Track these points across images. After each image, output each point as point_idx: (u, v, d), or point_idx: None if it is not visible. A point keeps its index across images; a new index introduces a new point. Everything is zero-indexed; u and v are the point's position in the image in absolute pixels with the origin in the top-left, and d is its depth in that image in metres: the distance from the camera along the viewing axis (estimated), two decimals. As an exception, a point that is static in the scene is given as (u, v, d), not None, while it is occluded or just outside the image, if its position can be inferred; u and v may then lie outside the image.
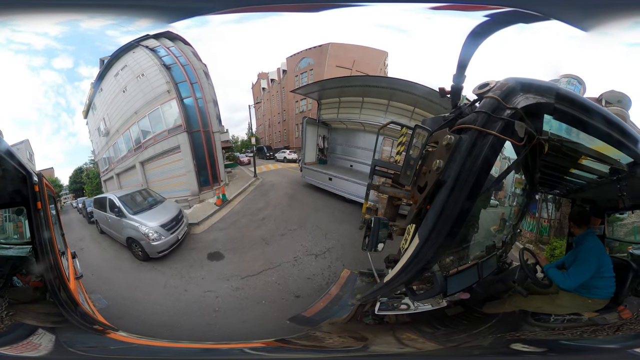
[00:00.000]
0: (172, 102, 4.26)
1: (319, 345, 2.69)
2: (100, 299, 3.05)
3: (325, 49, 3.97)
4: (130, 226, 3.98)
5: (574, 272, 2.55)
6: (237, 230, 3.15)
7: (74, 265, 3.13)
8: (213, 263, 2.91)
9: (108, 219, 4.17)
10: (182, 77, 4.25)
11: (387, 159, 3.14)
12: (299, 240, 2.57)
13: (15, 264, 2.72)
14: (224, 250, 2.96)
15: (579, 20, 2.74)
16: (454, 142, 1.88)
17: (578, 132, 2.12)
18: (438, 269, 2.44)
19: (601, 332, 2.41)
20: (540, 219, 3.12)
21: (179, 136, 4.32)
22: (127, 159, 4.52)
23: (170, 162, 4.42)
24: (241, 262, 2.69)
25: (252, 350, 2.56)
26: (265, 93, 4.83)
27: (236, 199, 4.04)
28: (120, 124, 4.46)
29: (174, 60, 4.21)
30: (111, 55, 3.97)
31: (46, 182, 2.66)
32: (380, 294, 2.70)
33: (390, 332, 2.64)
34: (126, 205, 4.18)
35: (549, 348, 2.43)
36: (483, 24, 2.53)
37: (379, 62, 3.73)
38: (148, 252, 3.86)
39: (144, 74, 4.23)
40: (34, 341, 2.28)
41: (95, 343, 2.47)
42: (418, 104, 3.09)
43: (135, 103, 4.34)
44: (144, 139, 4.42)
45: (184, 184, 4.41)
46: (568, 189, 3.15)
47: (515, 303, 2.68)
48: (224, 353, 2.61)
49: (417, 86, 2.91)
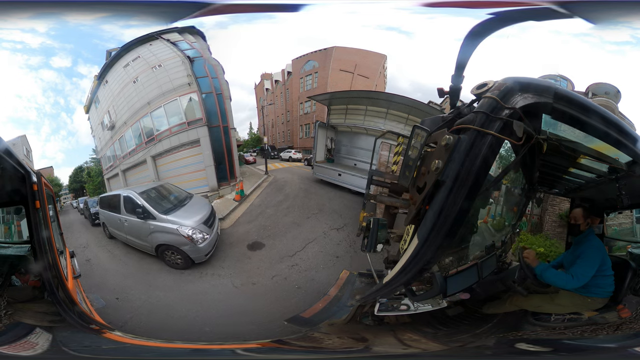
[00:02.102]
0: (193, 95, 4.07)
1: (316, 346, 2.67)
2: (98, 298, 3.03)
3: (330, 52, 4.12)
4: (163, 229, 3.23)
5: (579, 271, 2.49)
6: (267, 220, 3.38)
7: (72, 264, 3.12)
8: (257, 252, 3.08)
9: (124, 223, 3.43)
10: (203, 72, 4.09)
11: (385, 164, 3.34)
12: (322, 220, 3.13)
13: (13, 263, 2.71)
14: (261, 239, 3.19)
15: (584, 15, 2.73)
16: (453, 142, 1.88)
17: (576, 131, 2.13)
18: (437, 269, 2.43)
19: (601, 331, 2.40)
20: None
21: (199, 129, 4.10)
22: (136, 154, 4.20)
23: (187, 157, 4.15)
24: (283, 244, 3.01)
25: (244, 351, 2.56)
26: (269, 94, 4.87)
27: (253, 194, 4.12)
28: (129, 115, 4.17)
29: (198, 54, 4.04)
30: (121, 47, 3.78)
31: (45, 181, 2.66)
32: (380, 295, 2.68)
33: (390, 332, 2.64)
34: (153, 204, 3.43)
35: (555, 347, 2.41)
36: (481, 23, 2.54)
37: (379, 65, 3.94)
38: (194, 257, 3.23)
39: (161, 65, 4.03)
40: (31, 340, 2.27)
41: (91, 342, 2.46)
42: (411, 112, 3.58)
43: (148, 94, 4.07)
44: (157, 131, 4.12)
45: (202, 180, 4.15)
46: (567, 188, 3.15)
47: (515, 303, 2.67)
48: (214, 353, 2.60)
49: (407, 98, 3.45)
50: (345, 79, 4.21)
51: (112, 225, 3.60)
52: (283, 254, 2.94)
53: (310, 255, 2.82)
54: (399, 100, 3.57)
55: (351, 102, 3.91)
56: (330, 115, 4.00)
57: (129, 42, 3.77)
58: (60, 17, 3.14)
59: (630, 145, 2.12)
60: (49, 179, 3.36)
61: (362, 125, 3.83)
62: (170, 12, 3.06)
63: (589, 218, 2.61)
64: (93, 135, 4.14)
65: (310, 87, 4.52)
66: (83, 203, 4.14)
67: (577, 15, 2.76)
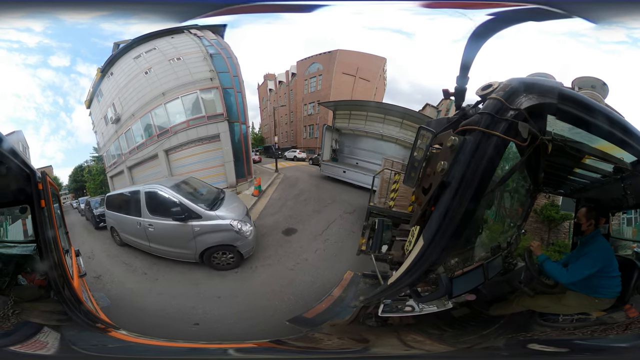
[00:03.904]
0: (214, 90, 3.96)
1: (315, 346, 2.67)
2: (103, 297, 3.00)
3: (334, 56, 4.25)
4: (213, 229, 2.78)
5: (575, 268, 2.52)
6: (290, 210, 3.74)
7: (78, 263, 3.12)
8: (293, 236, 3.41)
9: (148, 228, 2.76)
10: (225, 68, 3.99)
11: (383, 195, 3.71)
12: (337, 207, 3.69)
13: (19, 262, 2.72)
14: (291, 225, 3.52)
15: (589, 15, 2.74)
16: (458, 143, 1.89)
17: (581, 132, 2.13)
18: (443, 270, 2.43)
19: (611, 331, 2.39)
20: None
21: (220, 124, 3.94)
22: (145, 148, 3.81)
23: (204, 152, 3.94)
24: (311, 226, 3.50)
25: (238, 352, 2.57)
26: (272, 94, 4.88)
27: (269, 190, 4.26)
28: (138, 107, 3.89)
29: (220, 50, 3.95)
30: (133, 39, 3.61)
31: (50, 180, 2.66)
32: (384, 296, 2.68)
33: (393, 334, 2.63)
34: (193, 200, 2.94)
35: (571, 348, 2.40)
36: (483, 24, 2.55)
37: (379, 69, 4.07)
38: (244, 252, 2.98)
39: (180, 57, 3.86)
40: (41, 339, 2.27)
41: (97, 341, 2.47)
42: (405, 117, 3.99)
43: (163, 85, 3.85)
44: (172, 123, 3.83)
45: (220, 175, 4.00)
46: (572, 189, 3.15)
47: (522, 303, 2.66)
48: (210, 353, 2.61)
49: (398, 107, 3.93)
50: (347, 82, 4.37)
51: (127, 232, 2.95)
52: (315, 233, 3.42)
53: (334, 231, 3.43)
54: (390, 108, 4.03)
55: (354, 108, 4.29)
56: (336, 120, 4.32)
57: (143, 35, 3.62)
58: (54, 15, 3.12)
59: (635, 145, 2.12)
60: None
61: (364, 129, 4.18)
62: (177, 12, 3.08)
63: (592, 219, 2.60)
64: (95, 131, 3.86)
65: (314, 89, 4.64)
66: (84, 203, 3.82)
67: (577, 15, 2.77)
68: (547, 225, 3.45)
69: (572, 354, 2.39)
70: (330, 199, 3.76)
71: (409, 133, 3.81)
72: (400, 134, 3.84)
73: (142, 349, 2.61)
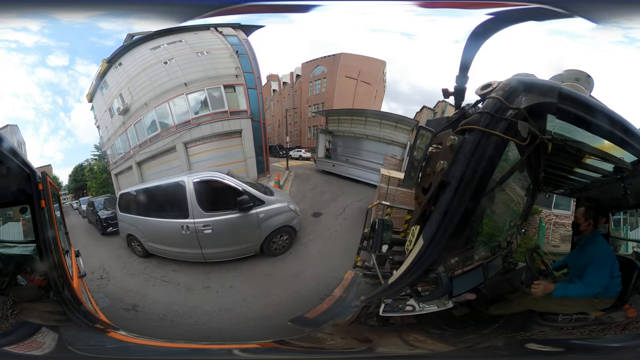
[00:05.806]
0: (238, 87, 4.02)
1: (318, 346, 2.67)
2: (103, 297, 3.00)
3: (337, 59, 4.48)
4: (276, 212, 2.76)
5: (594, 280, 2.43)
6: (310, 200, 4.29)
7: (77, 263, 3.11)
8: (321, 217, 4.01)
9: (203, 231, 2.26)
10: (250, 68, 4.12)
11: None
12: (347, 197, 4.31)
13: (19, 262, 2.71)
14: (317, 210, 4.10)
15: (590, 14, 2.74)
16: (458, 142, 1.89)
17: (581, 131, 2.13)
18: (443, 270, 2.43)
19: (609, 330, 2.38)
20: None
21: (243, 121, 4.03)
22: (160, 139, 3.55)
23: (226, 147, 3.89)
24: (332, 210, 4.14)
25: (242, 352, 2.56)
26: (276, 95, 4.99)
27: (286, 185, 4.63)
28: (152, 96, 3.66)
29: (246, 50, 4.04)
30: (156, 31, 3.54)
31: (50, 180, 2.66)
32: (385, 296, 2.68)
33: (396, 333, 2.62)
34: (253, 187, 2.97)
35: (567, 347, 2.40)
36: (484, 23, 2.55)
37: (379, 72, 4.23)
38: (298, 228, 3.29)
39: (207, 52, 3.85)
40: (38, 339, 2.26)
41: (95, 342, 2.45)
42: (383, 118, 4.51)
43: (186, 75, 3.68)
44: (195, 114, 3.63)
45: (242, 171, 4.06)
46: (572, 188, 3.15)
47: (522, 303, 2.64)
48: (213, 353, 2.60)
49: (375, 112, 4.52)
50: (350, 85, 4.58)
51: (161, 240, 2.30)
52: (336, 214, 4.09)
53: (350, 213, 4.09)
54: (369, 113, 4.63)
55: (341, 114, 4.93)
56: (328, 123, 4.98)
57: (161, 30, 3.59)
58: (49, 15, 3.10)
59: (635, 144, 2.12)
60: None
61: (350, 130, 4.85)
62: (177, 13, 3.07)
63: (590, 218, 2.56)
64: (97, 126, 3.61)
65: (318, 91, 4.83)
66: (86, 204, 3.48)
67: (577, 15, 2.77)
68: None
69: (570, 354, 2.38)
70: (340, 190, 4.41)
71: (386, 131, 4.46)
72: (381, 133, 4.52)
73: (141, 349, 2.61)
